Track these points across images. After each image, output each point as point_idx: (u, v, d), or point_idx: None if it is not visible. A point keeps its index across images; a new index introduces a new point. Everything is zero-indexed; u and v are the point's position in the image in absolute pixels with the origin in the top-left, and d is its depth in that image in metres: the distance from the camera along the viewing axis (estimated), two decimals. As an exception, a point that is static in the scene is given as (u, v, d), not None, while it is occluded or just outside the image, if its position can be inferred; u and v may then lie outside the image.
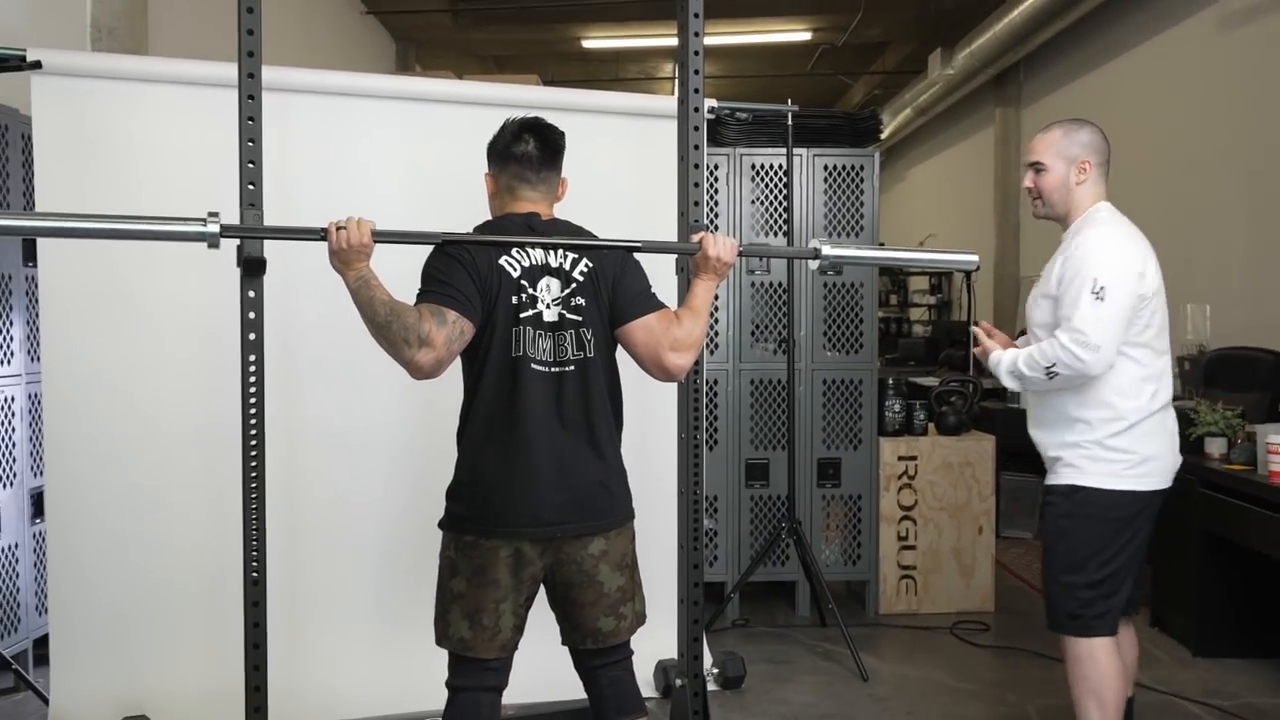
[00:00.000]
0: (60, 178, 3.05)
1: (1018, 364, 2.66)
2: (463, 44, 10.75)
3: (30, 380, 3.60)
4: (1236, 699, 3.50)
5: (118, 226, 2.11)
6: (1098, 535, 2.63)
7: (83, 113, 3.10)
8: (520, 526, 2.19)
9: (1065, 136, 2.73)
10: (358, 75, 3.46)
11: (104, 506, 3.12)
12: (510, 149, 2.34)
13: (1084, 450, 2.64)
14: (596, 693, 2.36)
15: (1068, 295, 2.58)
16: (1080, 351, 2.52)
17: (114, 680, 3.11)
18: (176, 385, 3.17)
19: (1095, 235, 2.63)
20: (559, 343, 2.24)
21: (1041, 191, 2.75)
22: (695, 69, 2.88)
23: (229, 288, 2.55)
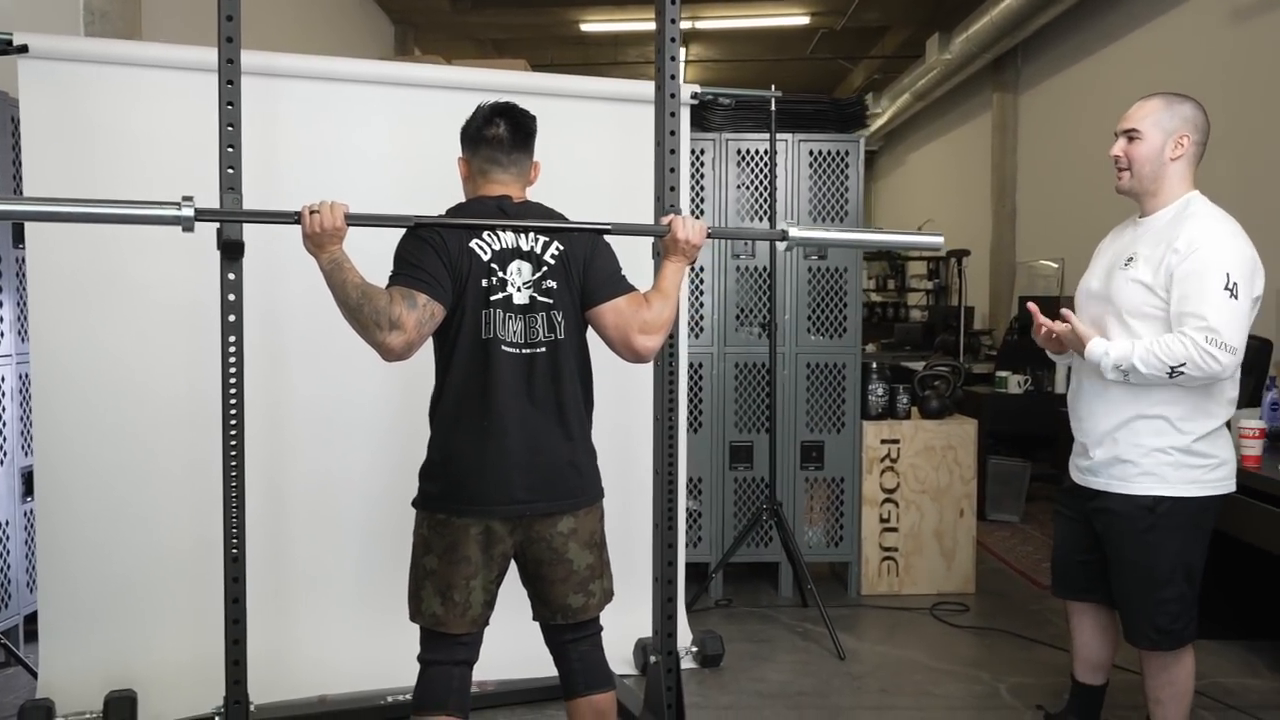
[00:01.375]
0: (48, 161, 3.09)
1: (1131, 359, 2.44)
2: (461, 27, 10.76)
3: (21, 360, 3.65)
4: (1205, 679, 3.54)
5: (93, 210, 2.16)
6: (1185, 548, 2.54)
7: (71, 96, 3.13)
8: (491, 505, 2.24)
9: (1167, 107, 2.57)
10: (344, 60, 3.49)
11: (92, 485, 3.18)
12: (482, 132, 2.38)
13: (1168, 457, 2.50)
14: (566, 667, 2.41)
15: (1193, 288, 2.40)
16: (1219, 354, 2.36)
17: (101, 655, 3.17)
18: (163, 366, 3.22)
19: (1214, 225, 2.48)
20: (530, 325, 2.29)
21: (1132, 161, 2.58)
22: (672, 55, 2.92)
23: (213, 270, 2.60)
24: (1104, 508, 2.60)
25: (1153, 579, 2.55)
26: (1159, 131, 2.55)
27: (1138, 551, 2.55)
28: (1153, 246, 2.50)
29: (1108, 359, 2.48)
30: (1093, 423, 2.62)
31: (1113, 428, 2.56)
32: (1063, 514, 2.83)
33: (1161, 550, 2.53)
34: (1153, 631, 2.58)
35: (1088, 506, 2.67)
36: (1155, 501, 2.50)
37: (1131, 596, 2.61)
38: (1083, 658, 2.89)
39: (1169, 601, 2.55)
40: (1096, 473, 2.62)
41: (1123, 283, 2.54)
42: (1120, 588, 2.65)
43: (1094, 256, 2.79)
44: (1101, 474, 2.60)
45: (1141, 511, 2.52)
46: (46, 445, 3.16)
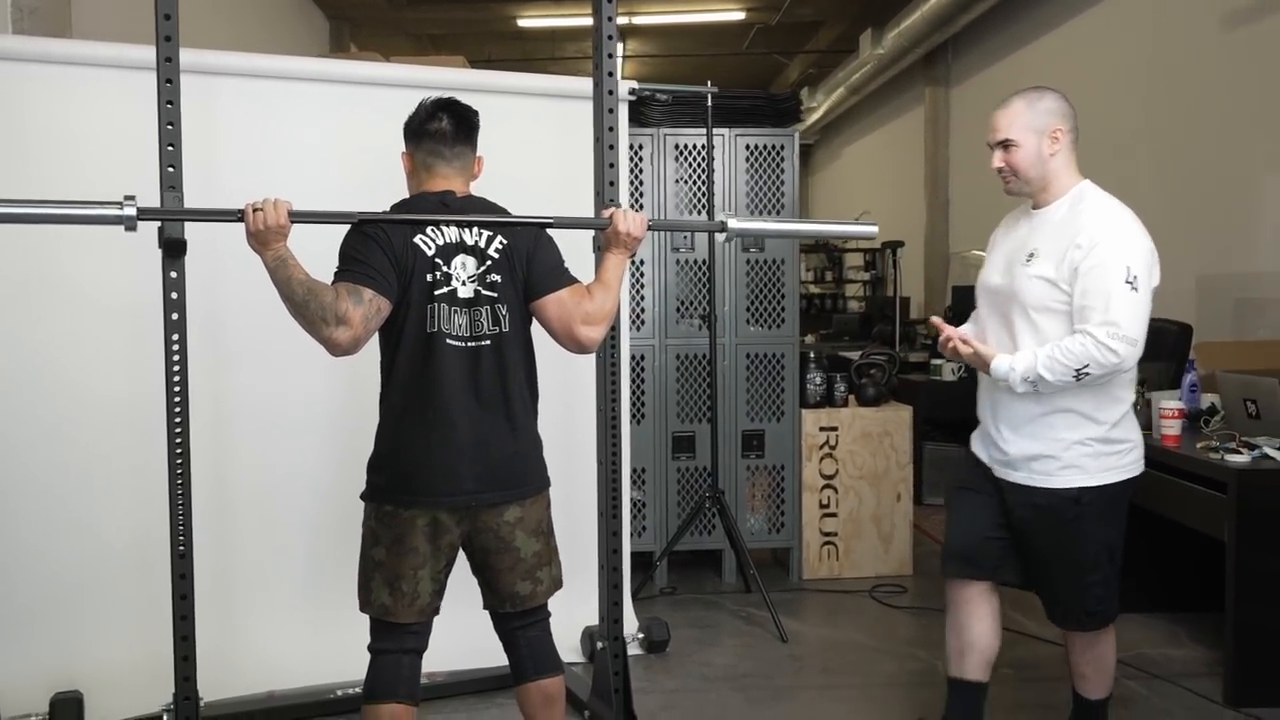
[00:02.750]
0: (-19, 160, 3.06)
1: (1036, 369, 2.42)
2: (397, 23, 10.70)
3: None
4: (1131, 650, 3.69)
5: (32, 211, 2.16)
6: (1107, 532, 2.57)
7: (4, 97, 3.10)
8: (438, 496, 2.28)
9: (1030, 107, 2.55)
10: (283, 58, 3.50)
11: (31, 487, 3.15)
12: (425, 126, 2.41)
13: (1087, 448, 2.51)
14: (516, 654, 2.46)
15: (1095, 282, 2.40)
16: (1118, 346, 2.35)
17: (46, 657, 3.15)
18: (102, 366, 3.19)
19: (1110, 218, 2.48)
20: (475, 318, 2.33)
21: (1015, 169, 2.57)
22: (609, 52, 2.98)
23: (154, 269, 2.60)
24: (1026, 502, 2.58)
25: (1080, 565, 2.57)
26: (1031, 134, 2.54)
27: (1064, 541, 2.57)
28: (1053, 241, 2.49)
29: (1014, 374, 2.45)
30: (1007, 415, 2.58)
31: (1027, 422, 2.54)
32: (970, 490, 2.73)
33: (1087, 538, 2.55)
34: (1082, 614, 2.63)
35: (1006, 497, 2.64)
36: (1080, 493, 2.51)
37: (1057, 583, 2.63)
38: (977, 649, 2.72)
39: (1095, 585, 2.59)
40: (1015, 467, 2.59)
41: (1025, 279, 2.52)
42: (1043, 574, 2.64)
43: (989, 249, 2.77)
44: (1021, 468, 2.58)
45: (1066, 504, 2.52)
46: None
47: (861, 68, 10.68)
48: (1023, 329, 2.53)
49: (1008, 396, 2.55)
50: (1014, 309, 2.55)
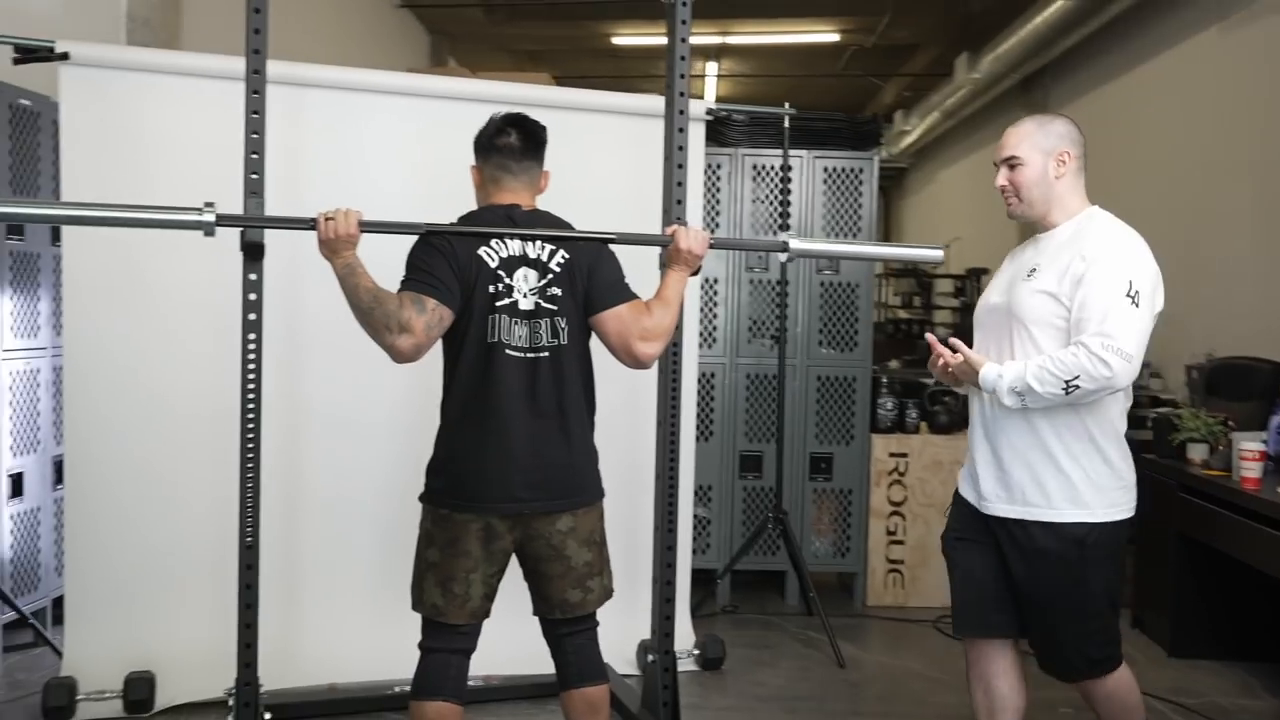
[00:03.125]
0: (85, 164, 3.22)
1: (1025, 378, 2.30)
2: (496, 39, 10.91)
3: (55, 354, 3.79)
4: (1203, 698, 3.58)
5: (118, 215, 2.28)
6: (1111, 573, 2.43)
7: (108, 102, 3.26)
8: (491, 502, 2.33)
9: (1040, 129, 2.49)
10: (368, 72, 3.61)
11: (119, 475, 3.30)
12: (493, 141, 2.48)
13: (1093, 482, 2.37)
14: (562, 659, 2.50)
15: (1094, 296, 2.28)
16: (1111, 359, 2.22)
17: (123, 638, 3.29)
18: (187, 363, 3.33)
19: (1120, 236, 2.40)
20: (534, 330, 2.38)
21: (1019, 188, 2.48)
22: (682, 73, 3.02)
23: (237, 272, 2.71)
24: (1026, 546, 2.40)
25: (1084, 613, 2.41)
26: (1038, 154, 2.46)
27: (1068, 588, 2.39)
28: (1056, 257, 2.39)
29: (1002, 383, 2.33)
30: (1006, 440, 2.42)
31: (1027, 449, 2.40)
32: (969, 540, 2.56)
33: (1092, 583, 2.39)
34: (1085, 664, 2.46)
35: (1000, 536, 2.47)
36: (1086, 532, 2.36)
37: (1060, 632, 2.44)
38: (1009, 708, 2.55)
39: (1097, 632, 2.43)
40: (1011, 499, 2.43)
41: (1025, 294, 2.41)
42: (1042, 623, 2.46)
43: (995, 275, 2.69)
44: (1018, 500, 2.41)
45: (1071, 546, 2.36)
46: (76, 436, 3.29)
47: (956, 92, 10.54)
48: (1020, 345, 2.42)
49: (1005, 419, 2.42)
50: (1013, 325, 2.44)
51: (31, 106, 3.69)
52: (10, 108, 3.59)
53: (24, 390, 3.71)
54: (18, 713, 3.23)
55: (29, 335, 3.73)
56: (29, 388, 3.74)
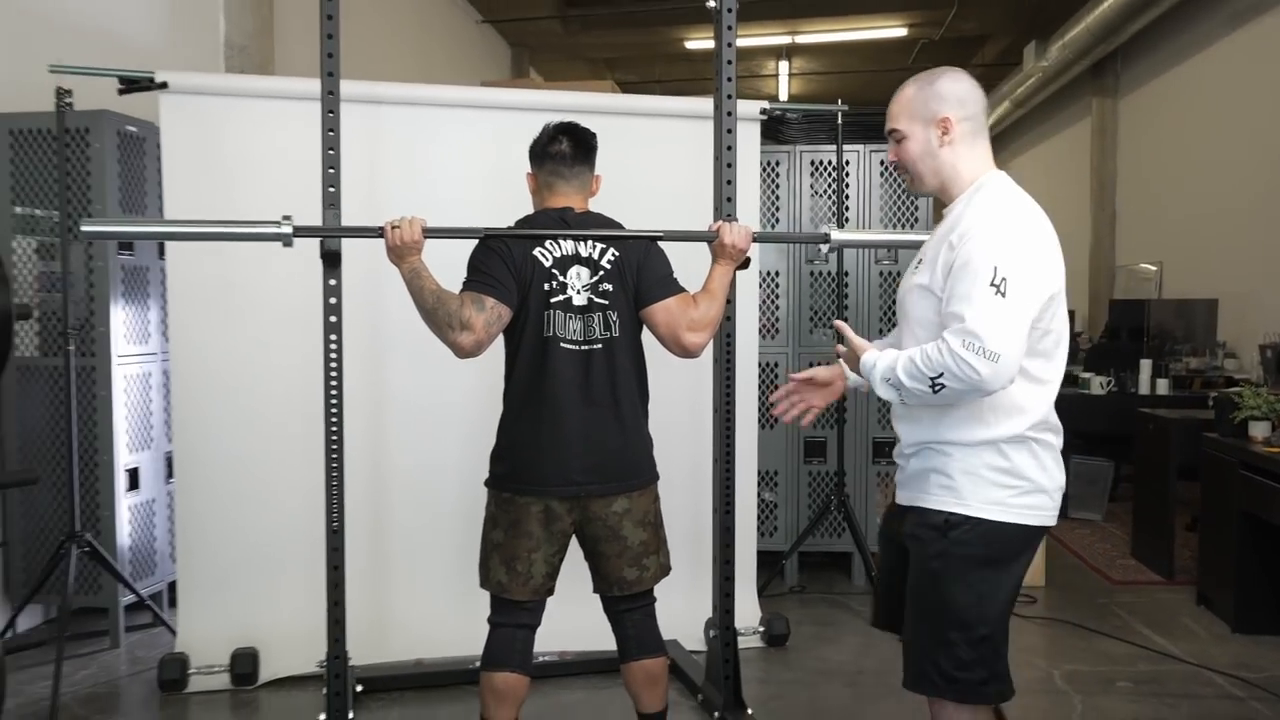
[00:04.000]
0: (184, 183, 3.40)
1: (896, 371, 1.98)
2: (573, 48, 11.05)
3: (163, 358, 4.01)
4: (1264, 673, 3.50)
5: (205, 230, 2.42)
6: (978, 580, 2.00)
7: (204, 125, 3.44)
8: (549, 486, 2.42)
9: (919, 93, 2.11)
10: (438, 87, 3.74)
11: (222, 468, 3.48)
12: (546, 149, 2.57)
13: (976, 475, 2.01)
14: (622, 634, 2.58)
15: (958, 285, 1.93)
16: (976, 362, 1.86)
17: (230, 617, 3.47)
18: (279, 364, 3.49)
19: (990, 211, 1.99)
20: (588, 324, 2.46)
21: (905, 163, 2.15)
22: (729, 76, 3.07)
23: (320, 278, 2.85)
24: (906, 528, 2.12)
25: (941, 613, 2.01)
26: (917, 124, 2.10)
27: (925, 579, 2.04)
28: (937, 244, 2.06)
29: (874, 373, 2.04)
30: (906, 432, 2.16)
31: (922, 440, 2.10)
32: (884, 534, 2.31)
33: (954, 580, 2.00)
34: (936, 676, 2.01)
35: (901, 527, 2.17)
36: (947, 521, 2.01)
37: (913, 629, 2.07)
38: None
39: (959, 645, 1.99)
40: (905, 485, 2.16)
41: (909, 288, 2.13)
42: (906, 619, 2.10)
43: None
44: (909, 488, 2.14)
45: (931, 533, 2.04)
46: (183, 433, 3.49)
47: (1026, 80, 10.35)
48: (907, 343, 2.12)
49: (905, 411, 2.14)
50: (901, 321, 2.19)
51: (137, 132, 3.91)
52: (118, 134, 3.81)
53: (137, 392, 3.94)
54: (138, 685, 3.44)
55: (140, 342, 3.96)
56: (142, 390, 3.96)
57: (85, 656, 3.69)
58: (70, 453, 3.54)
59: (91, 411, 3.79)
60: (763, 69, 12.64)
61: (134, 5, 4.63)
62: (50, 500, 3.82)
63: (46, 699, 3.21)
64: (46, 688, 3.27)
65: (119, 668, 3.61)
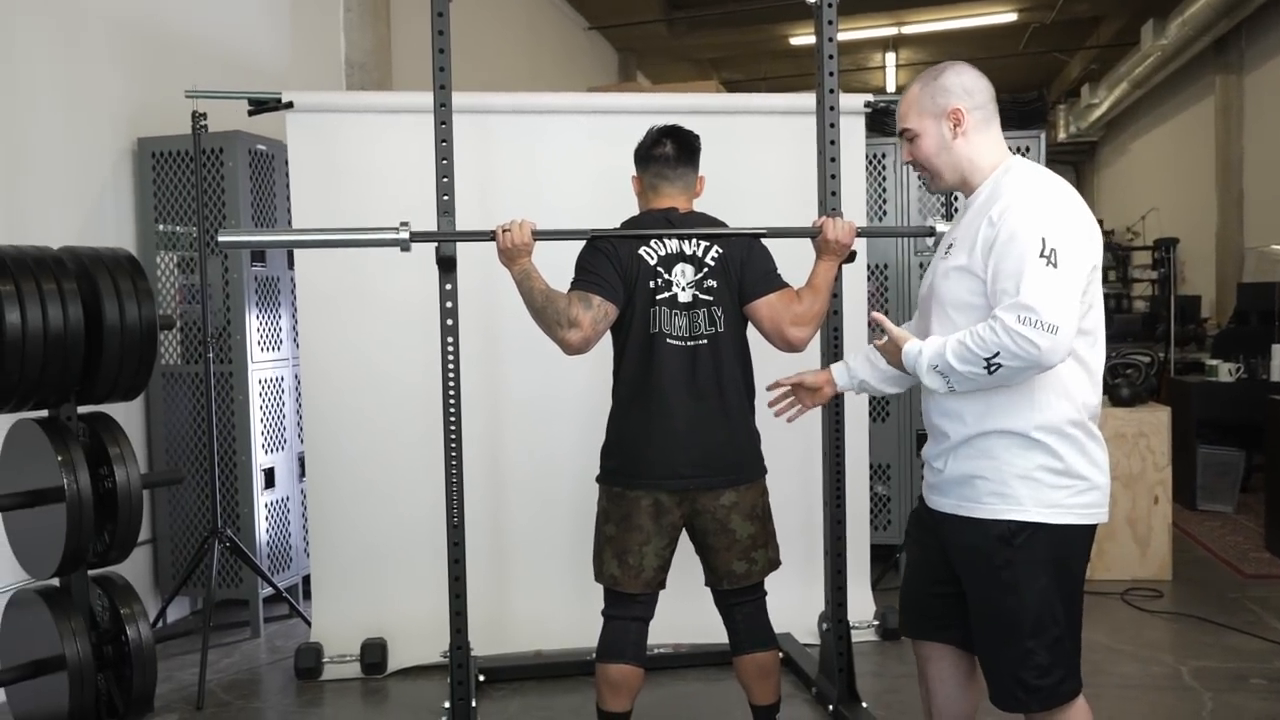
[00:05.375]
0: (311, 197, 3.54)
1: (945, 355, 1.94)
2: (679, 50, 11.07)
3: (294, 364, 4.17)
4: None
5: (326, 238, 2.52)
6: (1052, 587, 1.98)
7: (327, 141, 3.57)
8: (658, 479, 2.44)
9: (924, 90, 2.11)
10: (545, 95, 3.81)
11: (349, 466, 3.61)
12: (650, 152, 2.59)
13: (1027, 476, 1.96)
14: (733, 628, 2.58)
15: (1005, 262, 1.91)
16: (1034, 335, 1.83)
17: (360, 609, 3.59)
18: (402, 367, 3.59)
19: (1028, 185, 2.00)
20: (693, 320, 2.47)
21: (922, 161, 2.15)
22: (830, 70, 3.02)
23: (437, 282, 2.92)
24: (957, 542, 2.06)
25: (1015, 625, 1.98)
26: (929, 120, 2.10)
27: (995, 592, 2.00)
28: (969, 226, 2.04)
29: (922, 359, 1.99)
30: (946, 428, 2.07)
31: (966, 438, 2.03)
32: (913, 536, 2.29)
33: (1024, 589, 1.97)
34: (1018, 690, 2.00)
35: (939, 533, 2.13)
36: (1011, 530, 1.96)
37: (989, 645, 2.04)
38: (949, 715, 2.23)
39: (1036, 652, 1.97)
40: (945, 492, 2.08)
41: (942, 273, 2.09)
42: (978, 636, 2.08)
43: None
44: (950, 493, 2.06)
45: (995, 544, 1.98)
46: (313, 434, 3.62)
47: (1144, 60, 9.93)
48: (940, 330, 2.06)
49: (940, 406, 2.08)
50: (935, 308, 2.11)
51: (266, 150, 4.08)
52: (249, 153, 3.98)
53: (271, 396, 4.11)
54: (277, 673, 3.59)
55: (273, 348, 4.13)
56: (275, 393, 4.13)
57: (228, 645, 3.86)
58: (211, 454, 3.72)
59: (230, 415, 3.97)
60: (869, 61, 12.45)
61: (260, 29, 4.83)
62: (194, 499, 4.02)
63: (194, 685, 3.37)
64: (194, 674, 3.44)
65: (259, 656, 3.78)
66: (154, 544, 4.09)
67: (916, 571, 2.26)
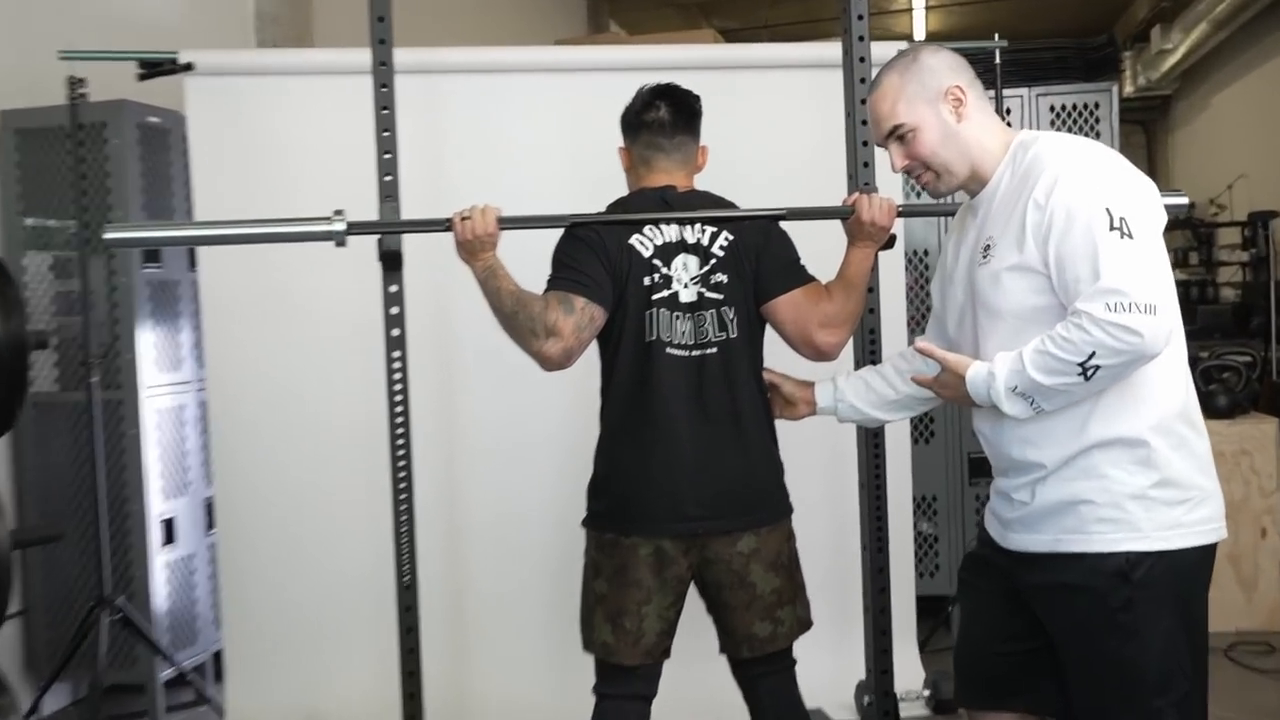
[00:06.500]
0: (216, 180, 3.52)
1: (1026, 372, 1.91)
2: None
3: (200, 388, 4.13)
4: None
5: (238, 232, 2.49)
6: (1175, 625, 1.98)
7: (237, 111, 3.55)
8: (660, 523, 2.42)
9: (906, 75, 2.14)
10: (505, 50, 3.81)
11: (271, 514, 3.58)
12: (641, 117, 2.57)
13: (1141, 494, 1.95)
14: (756, 705, 2.57)
15: (1069, 245, 1.91)
16: (1131, 321, 1.80)
17: (286, 689, 3.57)
18: (337, 386, 3.57)
19: (1070, 154, 2.01)
20: (699, 324, 2.46)
21: (926, 160, 2.14)
22: (859, 13, 3.02)
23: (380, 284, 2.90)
24: (1051, 584, 2.04)
25: (1141, 682, 1.96)
26: (923, 107, 2.12)
27: (1111, 645, 1.97)
28: (1006, 219, 2.04)
29: (995, 383, 1.95)
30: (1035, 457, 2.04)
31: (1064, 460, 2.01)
32: (971, 585, 2.30)
33: (1148, 636, 1.96)
34: None
35: (1019, 578, 2.12)
36: (1130, 562, 1.94)
37: (1104, 713, 2.02)
38: None
39: (1163, 713, 1.95)
40: (1036, 526, 2.05)
41: (989, 280, 2.06)
42: (1088, 698, 2.04)
43: (937, 272, 2.40)
44: (1045, 528, 2.03)
45: (1110, 582, 1.96)
46: (225, 475, 3.59)
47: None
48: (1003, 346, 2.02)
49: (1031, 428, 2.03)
50: (988, 323, 2.09)
51: (160, 124, 4.03)
52: (139, 128, 3.94)
53: (170, 429, 4.06)
54: (184, 774, 3.55)
55: (172, 369, 4.08)
56: (175, 426, 4.09)
57: (123, 741, 3.81)
58: (96, 502, 3.67)
59: (119, 453, 3.92)
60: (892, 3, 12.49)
61: (149, -24, 4.79)
62: (75, 559, 3.95)
63: (81, 792, 3.32)
64: (81, 779, 3.39)
65: (162, 754, 3.73)
66: (26, 616, 4.03)
67: (975, 627, 2.27)
